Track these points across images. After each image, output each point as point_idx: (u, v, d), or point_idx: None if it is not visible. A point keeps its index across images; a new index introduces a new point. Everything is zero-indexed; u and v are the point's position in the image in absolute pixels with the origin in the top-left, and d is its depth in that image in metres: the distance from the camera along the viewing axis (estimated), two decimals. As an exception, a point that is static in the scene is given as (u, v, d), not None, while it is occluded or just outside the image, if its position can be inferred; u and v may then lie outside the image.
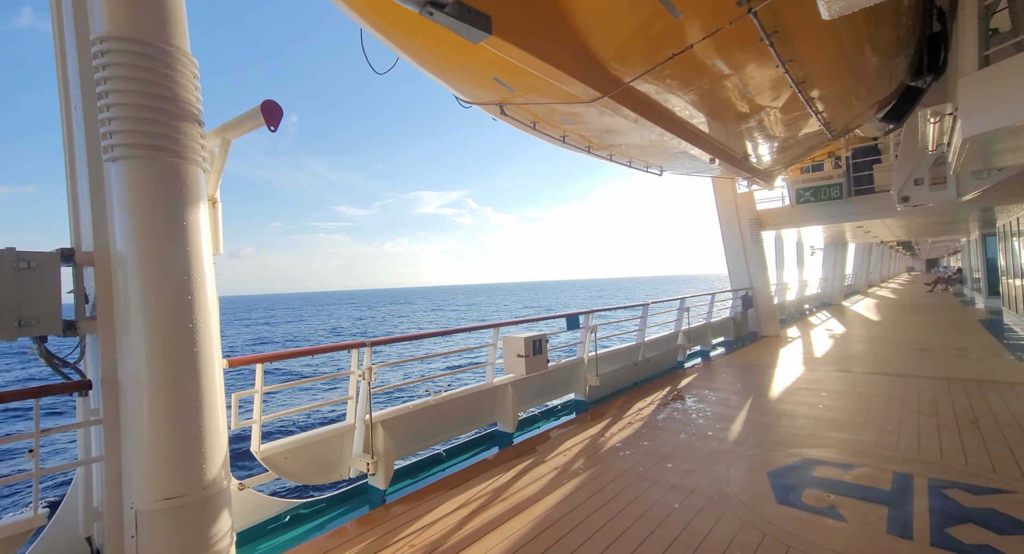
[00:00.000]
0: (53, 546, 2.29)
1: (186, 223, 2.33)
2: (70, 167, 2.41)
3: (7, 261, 2.09)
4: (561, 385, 5.79)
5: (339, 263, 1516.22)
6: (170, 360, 2.22)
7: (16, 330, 2.10)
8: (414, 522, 3.11)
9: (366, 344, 3.63)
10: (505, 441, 4.74)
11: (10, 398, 2.16)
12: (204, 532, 2.13)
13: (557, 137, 6.41)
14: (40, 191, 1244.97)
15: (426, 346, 28.95)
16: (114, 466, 2.21)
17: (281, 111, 2.50)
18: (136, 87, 2.20)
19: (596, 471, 3.78)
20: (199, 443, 2.22)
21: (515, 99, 5.05)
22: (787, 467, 3.75)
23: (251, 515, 3.11)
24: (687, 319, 8.44)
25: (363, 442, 3.62)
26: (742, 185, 11.35)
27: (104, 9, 2.15)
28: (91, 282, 2.32)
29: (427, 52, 4.30)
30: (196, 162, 2.41)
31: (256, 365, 3.10)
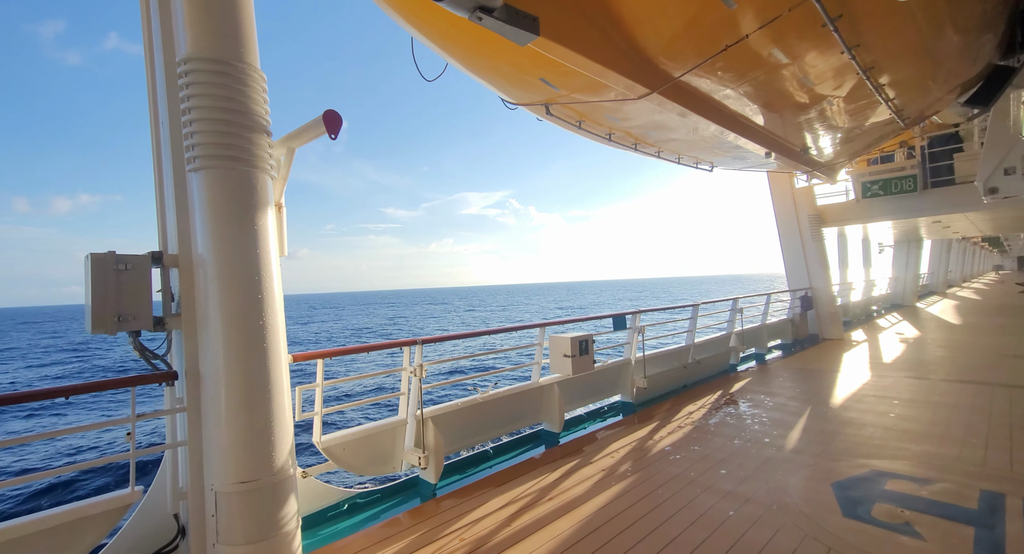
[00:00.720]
0: (146, 520, 2.53)
1: (256, 227, 2.51)
2: (158, 177, 2.65)
3: (108, 263, 2.34)
4: (607, 386, 5.72)
5: (388, 263, 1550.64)
6: (243, 354, 2.39)
7: (116, 325, 2.34)
8: (463, 516, 3.18)
9: (417, 342, 3.75)
10: (551, 441, 4.74)
11: (112, 386, 2.42)
12: (274, 515, 2.29)
13: (603, 135, 6.33)
14: (125, 198, 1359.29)
15: (474, 345, 29.45)
16: (196, 450, 2.42)
17: (341, 120, 2.64)
18: (214, 103, 2.39)
19: (645, 474, 3.72)
20: (269, 432, 2.38)
21: (561, 99, 5.05)
22: (854, 479, 3.52)
23: (313, 502, 3.29)
24: (740, 320, 8.09)
25: (414, 437, 3.74)
26: (801, 180, 10.72)
27: (188, 34, 2.35)
28: (176, 282, 2.55)
29: (475, 56, 4.38)
30: (265, 170, 2.59)
31: (317, 360, 3.28)
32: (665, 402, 5.86)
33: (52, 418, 16.63)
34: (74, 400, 17.56)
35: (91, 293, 2.31)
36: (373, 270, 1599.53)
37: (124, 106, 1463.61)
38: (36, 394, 2.25)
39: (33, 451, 12.68)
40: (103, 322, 2.30)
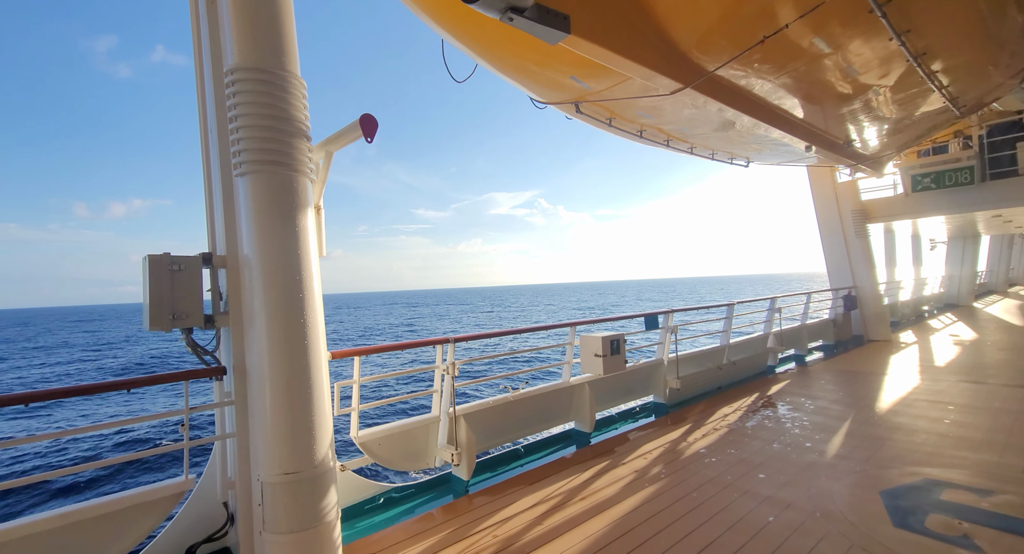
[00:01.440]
0: (198, 507, 2.68)
1: (298, 229, 2.60)
2: (207, 182, 2.79)
3: (164, 264, 2.49)
4: (639, 386, 5.64)
5: (418, 263, 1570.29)
6: (286, 351, 2.48)
7: (170, 322, 2.49)
8: (495, 513, 3.21)
9: (450, 340, 3.80)
10: (582, 441, 4.72)
11: (168, 379, 2.57)
12: (316, 505, 2.37)
13: (634, 132, 6.24)
14: (174, 203, 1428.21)
15: (505, 343, 29.65)
16: (244, 442, 2.54)
17: (376, 123, 2.71)
18: (258, 110, 2.50)
19: (679, 477, 3.65)
20: (310, 426, 2.47)
21: (591, 96, 5.01)
22: (905, 487, 3.35)
23: (351, 495, 3.40)
24: (779, 320, 7.81)
25: (447, 434, 3.80)
26: (843, 174, 10.25)
27: (234, 45, 2.47)
28: (224, 282, 2.68)
29: (504, 56, 4.41)
30: (305, 174, 2.68)
31: (354, 358, 3.38)
32: (699, 404, 5.73)
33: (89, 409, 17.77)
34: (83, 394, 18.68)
35: (148, 292, 2.45)
36: (403, 270, 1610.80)
37: (170, 115, 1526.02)
38: (102, 386, 2.42)
39: (88, 439, 13.57)
40: (159, 320, 2.44)
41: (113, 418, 16.14)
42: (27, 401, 2.13)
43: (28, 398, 2.15)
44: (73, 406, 18.06)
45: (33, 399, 2.17)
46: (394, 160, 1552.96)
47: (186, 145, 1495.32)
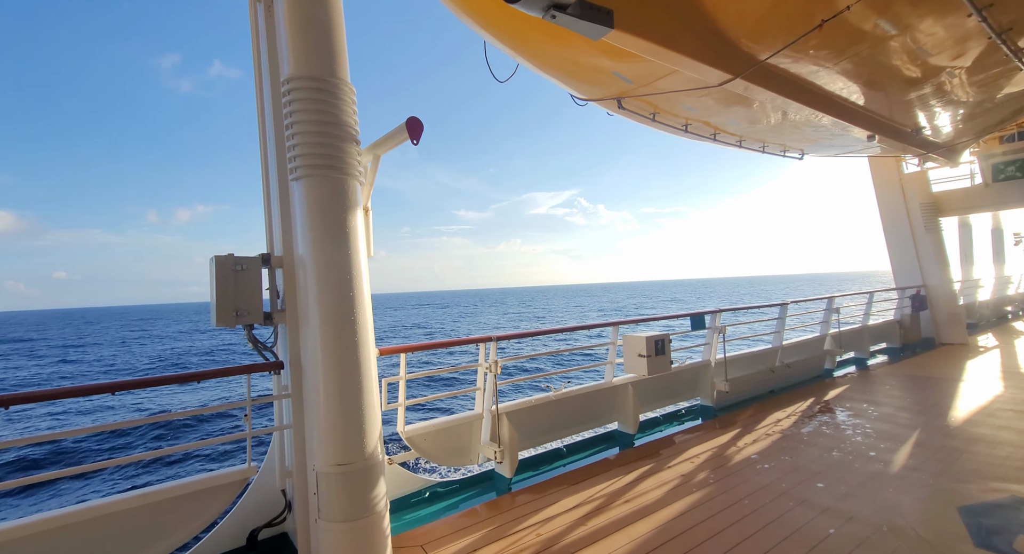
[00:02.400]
0: (259, 494, 2.84)
1: (348, 230, 2.70)
2: (265, 186, 2.95)
3: (228, 264, 2.65)
4: (685, 388, 5.48)
5: (458, 264, 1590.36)
6: (337, 347, 2.59)
7: (234, 319, 2.65)
8: (538, 512, 3.21)
9: (492, 338, 3.84)
10: (626, 442, 4.64)
11: (231, 373, 2.75)
12: (366, 496, 2.46)
13: (679, 127, 6.06)
14: (232, 208, 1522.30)
15: (548, 342, 29.64)
16: (300, 433, 2.67)
17: (422, 126, 2.77)
18: (312, 117, 2.61)
19: (729, 483, 3.51)
20: (361, 419, 2.56)
21: (634, 91, 4.90)
22: (989, 504, 3.07)
23: (398, 487, 3.50)
24: (837, 321, 7.35)
25: (490, 431, 3.84)
26: (911, 164, 9.51)
27: (290, 55, 2.59)
28: (281, 281, 2.82)
29: (546, 54, 4.39)
30: (355, 177, 2.78)
31: (400, 355, 3.48)
32: (749, 408, 5.50)
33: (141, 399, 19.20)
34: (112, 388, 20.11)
35: (215, 291, 2.63)
36: (445, 270, 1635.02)
37: (226, 125, 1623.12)
38: (173, 378, 2.62)
39: (159, 426, 14.68)
40: (225, 316, 2.61)
41: (184, 407, 17.41)
42: (114, 390, 2.34)
43: (116, 387, 2.36)
44: (148, 394, 19.65)
45: (120, 388, 2.38)
46: (436, 163, 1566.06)
47: (241, 153, 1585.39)
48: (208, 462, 11.62)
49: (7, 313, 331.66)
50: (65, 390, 2.29)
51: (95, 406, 18.76)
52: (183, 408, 17.74)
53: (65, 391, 2.29)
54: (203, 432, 14.52)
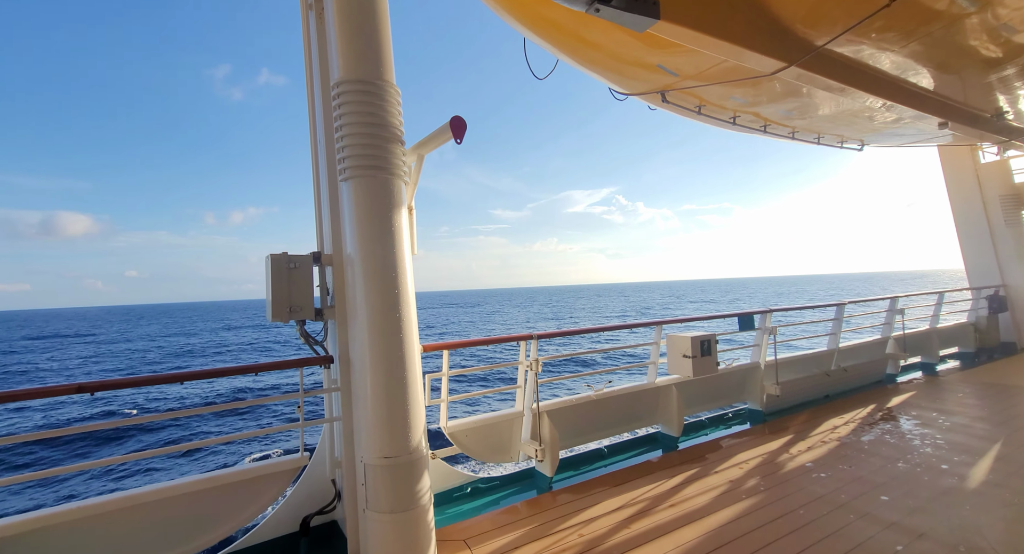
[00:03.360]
0: (311, 482, 2.97)
1: (393, 229, 2.76)
2: (316, 187, 3.07)
3: (283, 262, 2.78)
4: (732, 391, 5.28)
5: (495, 263, 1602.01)
6: (384, 342, 2.65)
7: (288, 314, 2.78)
8: (580, 512, 3.18)
9: (533, 336, 3.84)
10: (670, 445, 4.52)
11: (285, 366, 2.88)
12: (412, 489, 2.52)
13: (726, 119, 5.82)
14: (281, 210, 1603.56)
15: (588, 341, 29.43)
16: (348, 425, 2.77)
17: (465, 125, 2.80)
18: (359, 119, 2.69)
19: (782, 491, 3.35)
20: (406, 414, 2.62)
21: (679, 84, 4.75)
22: None
23: (440, 481, 3.56)
24: (902, 323, 6.85)
25: (531, 429, 3.84)
26: (988, 153, 8.72)
27: (340, 60, 2.68)
28: (330, 278, 2.93)
29: (587, 49, 4.33)
30: (400, 177, 2.84)
31: (443, 351, 3.54)
32: (801, 413, 5.22)
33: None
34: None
35: (271, 288, 2.76)
36: (482, 269, 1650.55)
37: (274, 130, 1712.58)
38: (234, 370, 2.77)
39: (216, 414, 15.63)
40: (280, 312, 2.74)
41: (239, 397, 18.45)
42: (183, 380, 2.50)
43: (185, 377, 2.53)
44: (210, 383, 20.99)
45: (188, 377, 2.55)
46: (474, 163, 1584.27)
47: (287, 157, 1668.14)
48: (268, 446, 12.30)
49: (87, 308, 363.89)
50: (143, 378, 2.48)
51: (167, 394, 20.26)
52: (242, 398, 18.84)
53: (143, 379, 2.48)
54: (257, 421, 15.37)
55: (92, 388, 2.27)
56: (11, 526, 2.22)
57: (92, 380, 2.29)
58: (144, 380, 2.46)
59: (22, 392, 2.21)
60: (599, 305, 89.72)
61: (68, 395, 2.28)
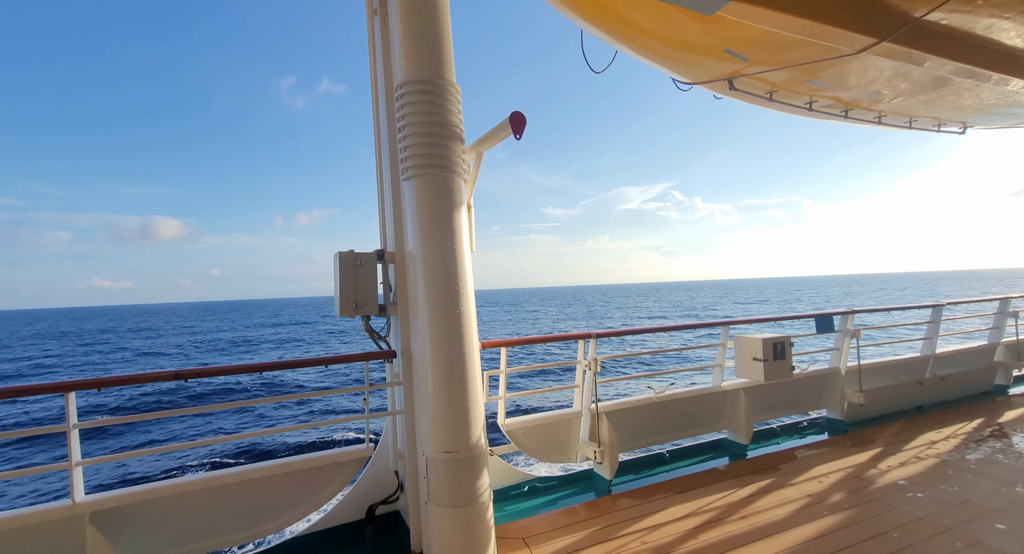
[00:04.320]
0: (375, 473, 3.07)
1: (454, 227, 2.78)
2: (380, 187, 3.16)
3: (350, 260, 2.89)
4: (808, 398, 4.89)
5: (547, 261, 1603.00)
6: (444, 339, 2.67)
7: (355, 310, 2.88)
8: (642, 519, 3.06)
9: (592, 335, 3.75)
10: (737, 452, 4.26)
11: (351, 359, 3.00)
12: (472, 485, 2.53)
13: (801, 105, 5.39)
14: (342, 211, 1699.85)
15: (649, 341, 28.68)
16: (410, 419, 2.83)
17: (525, 120, 2.77)
18: (421, 118, 2.73)
19: (871, 510, 3.04)
20: (466, 410, 2.63)
21: (749, 69, 4.45)
22: None
23: (498, 479, 3.57)
24: (1016, 328, 6.05)
25: (589, 430, 3.75)
26: None
27: (402, 62, 2.74)
28: (393, 275, 3.01)
29: (648, 38, 4.16)
30: (460, 175, 2.86)
31: (501, 349, 3.53)
32: (890, 425, 4.73)
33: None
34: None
35: (339, 284, 2.88)
36: (533, 268, 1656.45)
37: (334, 136, 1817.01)
38: (306, 362, 2.92)
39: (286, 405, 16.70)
40: (348, 308, 2.85)
41: (301, 389, 19.66)
42: (262, 370, 2.67)
43: (264, 367, 2.70)
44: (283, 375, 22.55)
45: (267, 368, 2.72)
46: (525, 162, 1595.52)
47: (346, 161, 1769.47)
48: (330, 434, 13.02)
49: (179, 304, 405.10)
50: (229, 368, 2.68)
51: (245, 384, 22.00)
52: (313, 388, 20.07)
53: (229, 368, 2.68)
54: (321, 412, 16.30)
55: (186, 375, 2.47)
56: (117, 497, 2.47)
57: (187, 368, 2.50)
58: (230, 369, 2.65)
59: (127, 377, 2.44)
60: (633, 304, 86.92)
61: (165, 381, 2.50)
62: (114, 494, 2.47)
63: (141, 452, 2.67)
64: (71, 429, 2.34)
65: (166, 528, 2.58)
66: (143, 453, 2.66)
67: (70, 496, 2.38)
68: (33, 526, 2.30)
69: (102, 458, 2.63)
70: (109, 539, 2.38)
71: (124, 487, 2.50)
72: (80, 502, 2.38)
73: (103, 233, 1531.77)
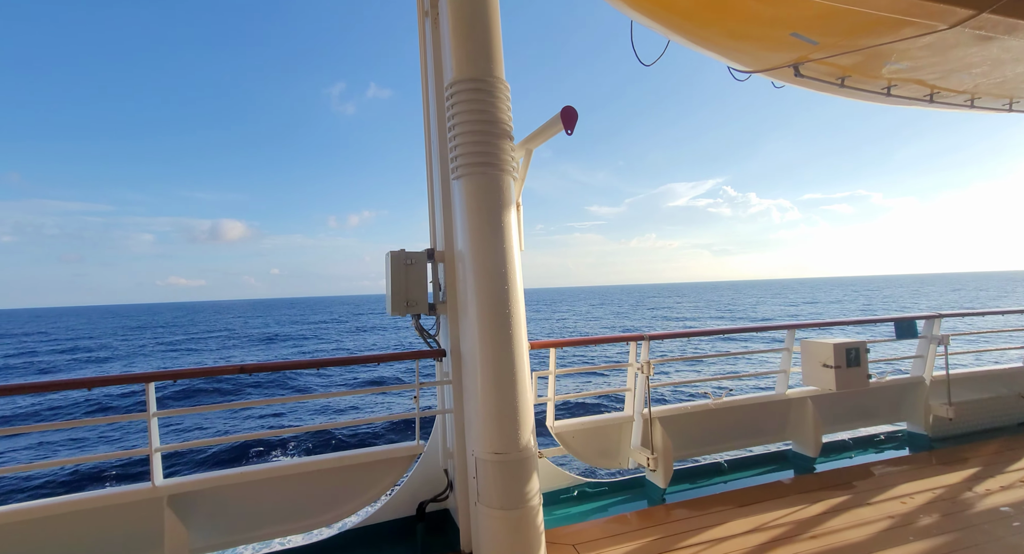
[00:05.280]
0: (425, 470, 3.10)
1: (503, 225, 2.75)
2: (430, 186, 3.18)
3: (401, 259, 2.93)
4: (886, 410, 4.48)
5: (591, 260, 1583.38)
6: (494, 338, 2.64)
7: (405, 308, 2.92)
8: (700, 532, 2.90)
9: (644, 337, 3.60)
10: (803, 466, 3.96)
11: (402, 357, 3.04)
12: (522, 488, 2.48)
13: (878, 90, 4.93)
14: (390, 212, 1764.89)
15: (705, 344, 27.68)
16: (460, 418, 2.82)
17: (576, 115, 2.69)
18: (471, 117, 2.71)
19: (971, 538, 2.72)
20: (515, 411, 2.59)
21: (819, 53, 4.12)
22: None
23: (547, 482, 3.50)
24: None
25: (641, 435, 3.61)
26: None
27: (453, 61, 2.74)
28: (442, 274, 3.02)
29: (704, 26, 3.95)
30: (509, 173, 2.82)
31: (550, 349, 3.47)
32: (988, 442, 4.24)
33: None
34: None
35: (391, 283, 2.92)
36: (577, 267, 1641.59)
37: (381, 139, 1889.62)
38: (360, 359, 2.99)
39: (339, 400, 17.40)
40: (399, 306, 2.89)
41: (348, 386, 20.42)
42: (319, 366, 2.77)
43: (321, 363, 2.80)
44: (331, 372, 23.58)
45: (324, 364, 2.82)
46: (569, 160, 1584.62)
47: (393, 163, 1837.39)
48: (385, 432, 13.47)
49: (245, 301, 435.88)
50: (290, 363, 2.79)
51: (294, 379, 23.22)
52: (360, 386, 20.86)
53: (291, 364, 2.79)
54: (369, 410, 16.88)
55: (251, 369, 2.60)
56: (192, 483, 2.63)
57: (251, 362, 2.63)
58: (291, 364, 2.77)
59: (199, 370, 2.60)
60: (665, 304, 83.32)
61: (233, 374, 2.64)
62: (189, 479, 2.63)
63: (213, 441, 2.84)
64: (151, 417, 2.52)
65: (232, 514, 2.72)
66: (215, 442, 2.85)
67: (150, 480, 2.56)
68: (118, 506, 2.49)
69: (179, 445, 2.82)
70: (183, 521, 2.54)
71: (196, 473, 2.66)
72: (159, 485, 2.56)
73: (179, 235, 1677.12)
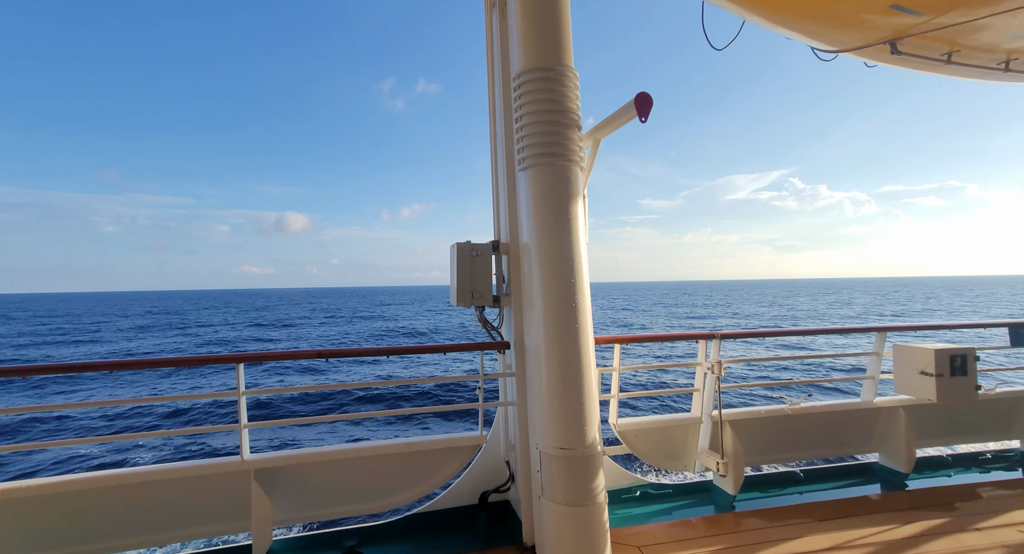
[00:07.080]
0: (487, 460, 3.13)
1: (570, 217, 2.69)
2: (495, 178, 3.18)
3: (466, 251, 2.95)
4: (996, 425, 3.99)
5: (642, 255, 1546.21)
6: (559, 331, 2.59)
7: (470, 300, 2.94)
8: (775, 544, 2.72)
9: (716, 336, 3.42)
10: (893, 482, 3.62)
11: (467, 348, 3.07)
12: (588, 484, 2.43)
13: (994, 66, 4.35)
14: (440, 205, 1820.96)
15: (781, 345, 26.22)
16: (523, 411, 2.81)
17: (651, 101, 2.57)
18: (540, 107, 2.67)
19: None
20: (581, 407, 2.53)
21: (923, 27, 3.69)
22: None
23: (610, 481, 3.42)
24: None
25: (710, 438, 3.44)
26: None
27: (521, 51, 2.70)
28: (506, 267, 3.01)
29: (789, 2, 3.66)
30: (576, 163, 2.75)
31: (615, 345, 3.38)
32: None
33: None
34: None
35: (456, 274, 2.95)
36: (629, 262, 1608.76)
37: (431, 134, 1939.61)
38: (427, 348, 3.05)
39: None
40: (464, 297, 2.92)
41: (416, 375, 21.13)
42: (389, 353, 2.86)
43: (390, 351, 2.89)
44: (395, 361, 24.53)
45: (393, 352, 2.91)
46: (621, 152, 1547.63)
47: (443, 157, 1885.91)
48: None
49: (312, 289, 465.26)
50: (363, 350, 2.91)
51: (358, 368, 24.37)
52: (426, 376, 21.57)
53: (364, 351, 2.91)
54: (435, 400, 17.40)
55: (328, 354, 2.73)
56: (275, 459, 2.80)
57: (330, 348, 2.76)
58: (364, 351, 2.89)
59: (282, 353, 2.75)
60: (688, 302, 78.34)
61: (311, 359, 2.79)
62: (273, 455, 2.81)
63: (296, 420, 3.05)
64: (240, 396, 2.71)
65: (309, 490, 2.88)
66: (298, 421, 3.07)
67: (239, 454, 2.76)
68: (211, 476, 2.71)
69: (266, 423, 3.04)
70: (267, 493, 2.72)
71: (278, 450, 2.85)
72: (247, 459, 2.75)
73: (251, 226, 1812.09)
